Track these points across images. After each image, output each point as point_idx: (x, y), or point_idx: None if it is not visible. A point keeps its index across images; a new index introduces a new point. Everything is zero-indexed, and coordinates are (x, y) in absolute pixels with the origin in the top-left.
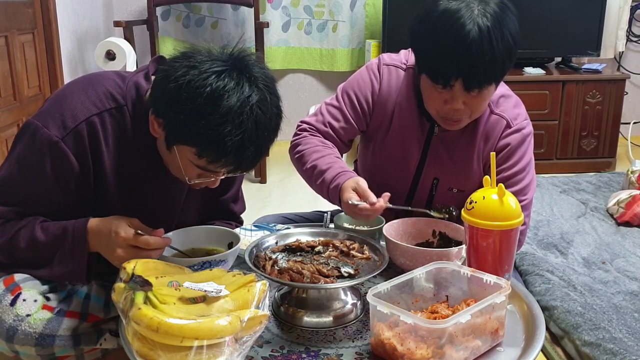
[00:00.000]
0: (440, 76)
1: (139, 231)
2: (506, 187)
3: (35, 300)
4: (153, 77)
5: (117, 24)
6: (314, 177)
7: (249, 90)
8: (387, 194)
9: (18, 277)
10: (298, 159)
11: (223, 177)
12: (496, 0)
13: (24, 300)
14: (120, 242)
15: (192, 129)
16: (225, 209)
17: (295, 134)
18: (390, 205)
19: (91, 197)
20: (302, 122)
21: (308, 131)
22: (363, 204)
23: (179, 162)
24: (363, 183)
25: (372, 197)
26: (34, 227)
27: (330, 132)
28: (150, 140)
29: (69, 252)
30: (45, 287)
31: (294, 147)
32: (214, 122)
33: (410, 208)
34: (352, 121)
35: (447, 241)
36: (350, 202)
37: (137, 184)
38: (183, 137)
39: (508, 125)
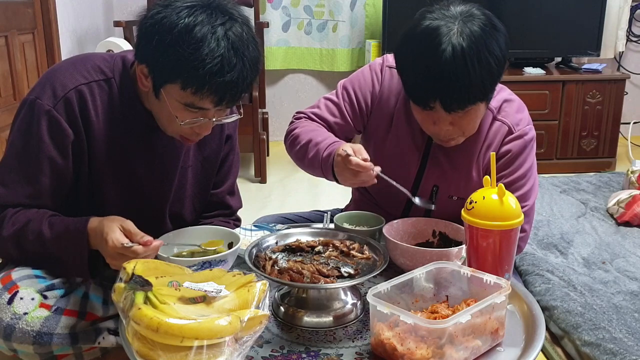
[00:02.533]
0: (419, 98)
1: (127, 243)
2: None
3: (33, 299)
4: None
5: (117, 24)
6: (309, 150)
7: (221, 19)
8: (378, 167)
9: (15, 275)
10: (293, 139)
11: (214, 119)
12: (481, 18)
13: (21, 298)
14: (109, 251)
15: (172, 61)
16: (221, 202)
17: (291, 122)
18: (381, 175)
19: (86, 171)
20: (298, 112)
21: (305, 118)
22: (355, 158)
23: (169, 107)
24: (359, 146)
25: (366, 154)
26: (42, 222)
27: (325, 126)
28: (139, 112)
29: (70, 251)
30: (43, 286)
31: (289, 132)
32: (191, 48)
33: (397, 185)
34: (349, 118)
35: (447, 241)
36: (342, 149)
37: (127, 157)
38: (166, 74)
39: (510, 132)
